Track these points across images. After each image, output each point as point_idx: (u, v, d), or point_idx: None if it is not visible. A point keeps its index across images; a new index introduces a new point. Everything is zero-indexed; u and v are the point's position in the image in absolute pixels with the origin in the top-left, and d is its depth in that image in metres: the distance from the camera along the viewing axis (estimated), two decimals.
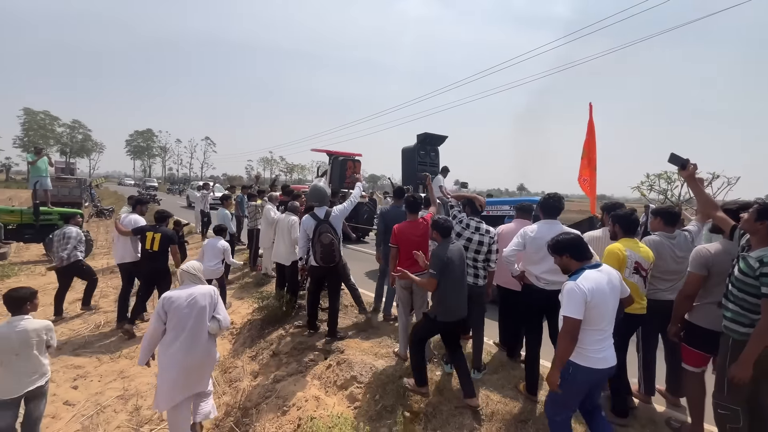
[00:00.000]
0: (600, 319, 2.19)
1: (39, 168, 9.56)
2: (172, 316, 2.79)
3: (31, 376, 2.74)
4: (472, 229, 3.45)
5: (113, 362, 4.48)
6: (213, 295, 2.99)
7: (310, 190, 4.32)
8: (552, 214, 3.18)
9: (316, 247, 3.98)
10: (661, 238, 3.06)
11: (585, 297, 2.13)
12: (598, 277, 2.22)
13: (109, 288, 7.13)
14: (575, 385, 2.26)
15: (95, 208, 17.00)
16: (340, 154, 11.99)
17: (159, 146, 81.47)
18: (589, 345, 2.21)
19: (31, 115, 63.49)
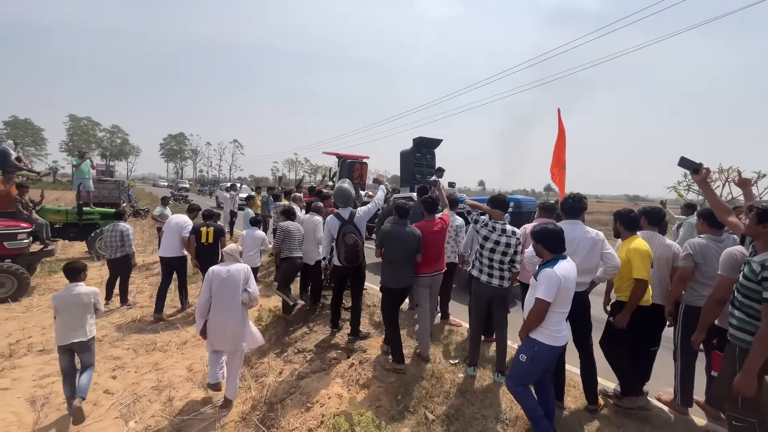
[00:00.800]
0: (565, 303, 2.53)
1: (82, 171, 10.19)
2: (215, 285, 3.50)
3: (77, 330, 3.46)
4: (498, 231, 3.39)
5: (148, 354, 4.71)
6: (246, 271, 3.62)
7: (335, 191, 4.38)
8: (573, 214, 3.13)
9: (341, 248, 4.04)
10: (707, 241, 2.93)
11: (560, 282, 2.42)
12: (569, 267, 2.53)
13: (145, 284, 7.50)
14: (540, 362, 2.57)
15: (132, 208, 17.89)
16: (348, 156, 12.40)
17: (190, 149, 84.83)
18: (553, 325, 2.53)
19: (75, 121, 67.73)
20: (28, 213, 7.42)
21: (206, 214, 5.93)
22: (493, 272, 3.37)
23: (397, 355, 3.59)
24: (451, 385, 3.38)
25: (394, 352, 3.62)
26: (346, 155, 12.52)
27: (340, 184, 4.40)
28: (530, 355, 2.56)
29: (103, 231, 6.21)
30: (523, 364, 2.61)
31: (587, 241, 2.96)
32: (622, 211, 3.18)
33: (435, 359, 3.76)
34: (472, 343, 3.60)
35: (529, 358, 2.57)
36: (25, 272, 6.44)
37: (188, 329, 5.44)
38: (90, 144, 65.74)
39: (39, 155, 62.13)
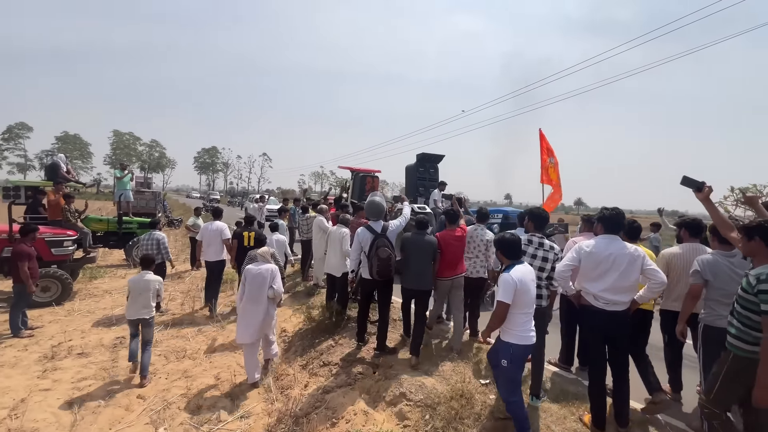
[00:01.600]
0: (526, 304, 2.71)
1: (124, 183, 10.79)
2: (248, 281, 4.15)
3: (143, 309, 4.30)
4: (535, 244, 3.28)
5: (178, 362, 4.81)
6: (273, 270, 4.23)
7: (366, 204, 4.38)
8: (611, 228, 2.92)
9: (373, 261, 3.97)
10: (716, 257, 2.88)
11: (515, 285, 2.63)
12: (524, 270, 2.74)
13: (177, 292, 7.72)
14: (518, 361, 2.76)
15: (166, 218, 18.70)
16: (361, 170, 13.06)
17: (222, 162, 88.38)
18: (519, 326, 2.72)
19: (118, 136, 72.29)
20: (74, 222, 7.88)
21: (247, 220, 6.49)
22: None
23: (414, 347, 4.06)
24: (483, 407, 3.22)
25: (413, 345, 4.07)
26: (359, 169, 13.16)
27: (372, 197, 4.39)
28: (509, 358, 2.74)
29: (140, 239, 6.51)
30: (507, 369, 2.76)
31: (624, 257, 2.79)
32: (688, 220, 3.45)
33: (465, 378, 3.61)
34: (537, 373, 3.35)
35: (509, 361, 2.74)
36: (69, 277, 6.79)
37: (217, 338, 5.53)
38: (131, 157, 69.88)
39: (85, 168, 66.60)
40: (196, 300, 7.04)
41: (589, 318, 2.91)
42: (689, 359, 3.45)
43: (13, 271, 5.17)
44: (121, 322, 5.98)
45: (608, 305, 2.80)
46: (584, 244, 2.92)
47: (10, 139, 66.37)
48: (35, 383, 4.11)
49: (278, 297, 4.29)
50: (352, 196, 12.38)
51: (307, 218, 7.96)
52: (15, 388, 3.98)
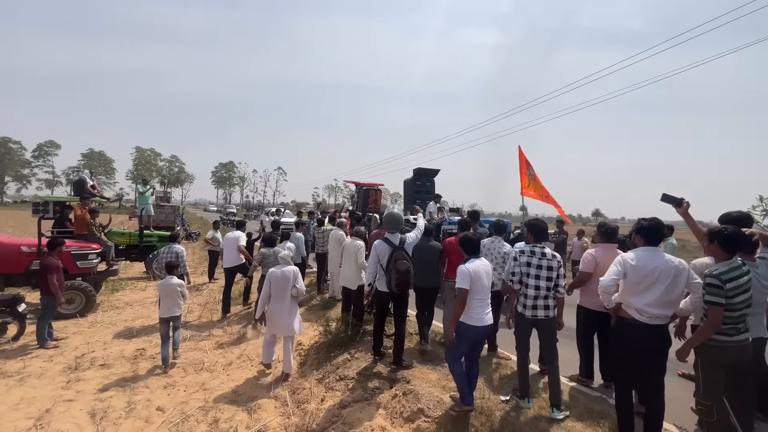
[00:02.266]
0: (480, 290, 3.23)
1: (146, 197, 11.13)
2: (273, 282, 4.62)
3: (174, 307, 5.07)
4: (538, 255, 3.38)
5: (196, 374, 4.85)
6: (295, 272, 4.74)
7: (385, 216, 4.40)
8: (653, 240, 2.86)
9: (392, 274, 3.95)
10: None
11: (470, 275, 3.17)
12: (479, 263, 3.30)
13: (194, 305, 7.84)
14: (464, 338, 3.27)
15: (185, 231, 19.12)
16: (365, 184, 13.87)
17: (239, 176, 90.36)
18: (473, 309, 3.23)
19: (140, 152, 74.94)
20: (98, 235, 8.15)
21: (266, 239, 6.33)
22: (538, 302, 3.32)
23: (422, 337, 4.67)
24: (503, 424, 3.14)
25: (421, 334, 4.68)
26: (363, 183, 14.07)
27: (391, 210, 4.43)
28: (457, 333, 3.28)
29: (160, 252, 6.68)
30: (454, 341, 3.35)
31: (671, 270, 2.71)
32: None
33: (483, 394, 3.53)
34: (521, 374, 3.48)
35: (456, 335, 3.30)
36: (92, 290, 6.99)
37: (234, 351, 5.57)
38: (151, 172, 72.21)
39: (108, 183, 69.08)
40: (213, 312, 7.12)
41: (630, 332, 2.80)
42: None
43: (42, 283, 5.36)
44: (141, 334, 6.10)
45: (651, 319, 2.72)
46: (628, 257, 2.83)
47: (39, 157, 69.68)
48: (59, 394, 4.20)
49: (301, 295, 4.83)
50: (356, 208, 13.18)
51: (322, 231, 8.02)
52: (40, 399, 4.08)
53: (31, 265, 6.54)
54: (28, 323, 5.77)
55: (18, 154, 66.99)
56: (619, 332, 2.91)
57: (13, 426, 3.57)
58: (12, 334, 5.63)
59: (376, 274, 4.17)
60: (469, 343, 3.29)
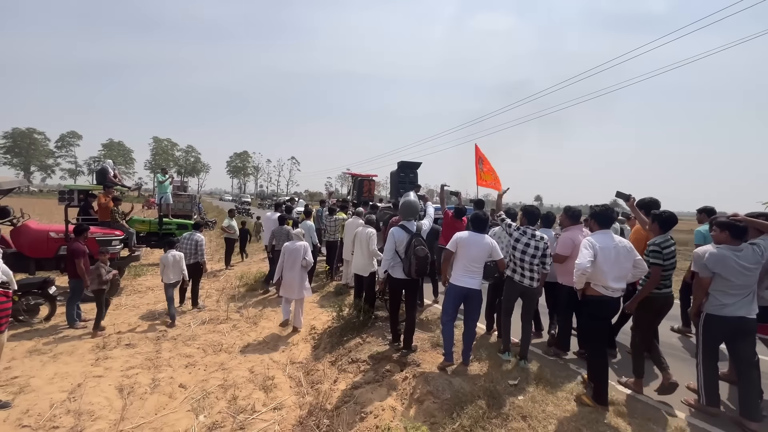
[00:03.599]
0: (464, 257, 3.72)
1: (164, 186, 11.43)
2: (286, 255, 5.68)
3: (177, 276, 6.18)
4: (528, 236, 3.90)
5: (215, 355, 5.07)
6: (305, 247, 5.77)
7: (402, 203, 4.39)
8: (606, 223, 3.41)
9: (411, 260, 4.01)
10: (722, 251, 3.05)
11: (457, 241, 3.74)
12: (473, 235, 3.77)
13: (212, 290, 8.11)
14: (448, 296, 3.85)
15: (202, 219, 19.60)
16: (359, 175, 15.43)
17: (253, 166, 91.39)
18: (456, 271, 3.77)
19: (158, 142, 76.42)
20: (121, 222, 8.45)
21: (279, 219, 7.77)
22: (524, 272, 3.86)
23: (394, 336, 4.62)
24: (511, 407, 3.21)
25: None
26: (359, 174, 15.85)
27: (407, 197, 4.45)
28: (446, 292, 3.88)
29: (180, 239, 6.88)
30: (444, 299, 3.92)
31: (622, 249, 3.22)
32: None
33: (493, 378, 3.61)
34: (505, 333, 4.11)
35: (445, 294, 3.89)
36: (117, 274, 7.29)
37: (251, 333, 5.78)
38: (168, 162, 73.67)
39: (128, 172, 70.83)
40: (230, 297, 7.36)
41: (601, 307, 3.24)
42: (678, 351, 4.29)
43: (70, 267, 5.64)
44: (163, 317, 6.37)
45: (615, 293, 3.20)
46: (593, 239, 3.24)
47: (62, 147, 71.83)
48: (89, 370, 4.47)
49: (309, 265, 5.80)
50: (352, 196, 14.60)
51: (334, 220, 8.14)
52: (72, 374, 4.35)
53: (59, 250, 6.87)
54: (58, 305, 6.10)
55: (42, 144, 69.21)
56: (591, 308, 3.28)
57: (49, 398, 3.83)
58: (44, 315, 5.96)
59: (392, 262, 4.21)
60: (453, 301, 3.81)
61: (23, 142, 65.84)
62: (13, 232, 6.82)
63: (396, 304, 4.49)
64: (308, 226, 7.85)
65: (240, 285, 8.35)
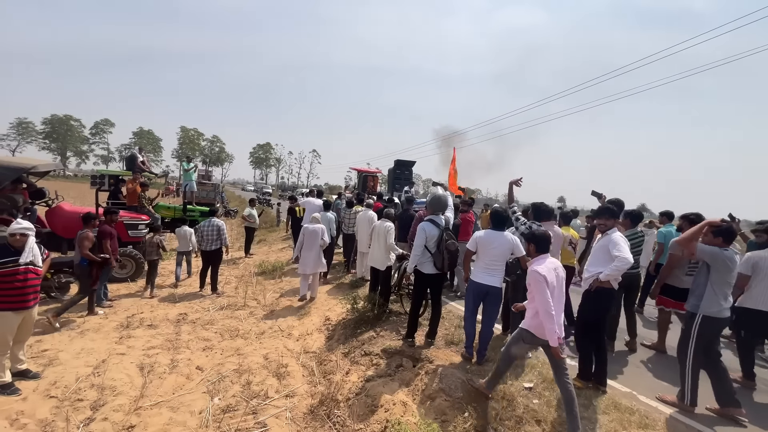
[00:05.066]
0: (484, 255, 3.76)
1: (189, 174, 11.75)
2: (306, 235, 6.34)
3: (188, 247, 7.70)
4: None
5: (232, 340, 5.18)
6: (322, 229, 6.48)
7: (430, 199, 4.32)
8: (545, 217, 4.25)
9: (443, 255, 3.99)
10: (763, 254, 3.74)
11: (476, 241, 3.79)
12: (492, 234, 3.76)
13: (231, 277, 8.30)
14: (471, 292, 3.88)
15: (224, 208, 20.06)
16: (364, 171, 17.53)
17: (275, 157, 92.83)
18: (478, 269, 3.81)
19: (185, 131, 78.66)
20: (147, 208, 8.75)
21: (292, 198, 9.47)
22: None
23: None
24: (525, 411, 3.13)
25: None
26: (363, 170, 17.89)
27: (435, 191, 4.45)
28: (467, 287, 3.95)
29: (201, 226, 7.06)
30: (466, 297, 4.00)
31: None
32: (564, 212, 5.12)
33: (507, 380, 3.53)
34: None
35: (466, 291, 3.97)
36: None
37: (267, 321, 5.87)
38: (194, 151, 75.72)
39: (156, 160, 73.27)
40: (248, 285, 7.51)
41: (611, 298, 3.50)
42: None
43: (98, 248, 5.86)
44: (183, 300, 6.55)
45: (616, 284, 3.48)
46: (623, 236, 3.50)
47: (96, 134, 74.94)
48: (113, 347, 4.65)
49: (325, 245, 6.53)
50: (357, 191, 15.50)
51: (353, 212, 8.15)
52: (97, 350, 4.54)
53: None
54: None
55: (78, 131, 72.41)
56: (601, 299, 3.44)
57: (75, 371, 4.01)
58: (74, 293, 6.24)
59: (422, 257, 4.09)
60: (473, 298, 3.86)
61: (61, 128, 69.02)
62: (48, 213, 7.16)
63: (421, 299, 4.45)
64: (328, 218, 7.89)
65: (258, 273, 8.50)
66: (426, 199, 5.57)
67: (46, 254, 4.08)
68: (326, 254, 7.52)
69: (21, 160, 6.91)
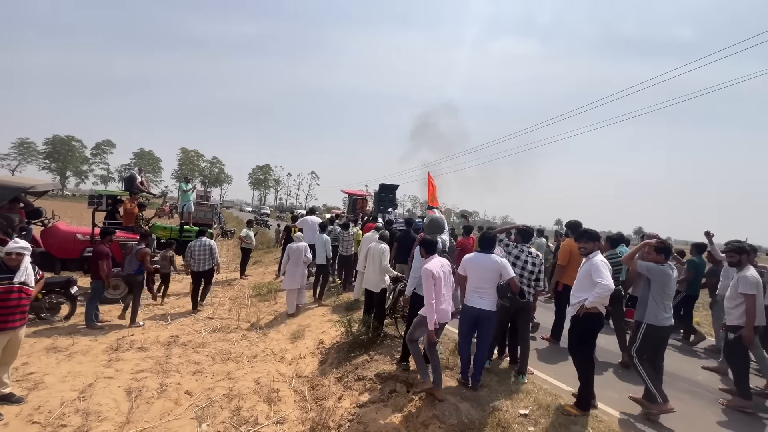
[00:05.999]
0: (472, 279, 3.76)
1: (187, 195, 11.79)
2: (291, 253, 6.95)
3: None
4: (525, 253, 4.26)
5: (223, 363, 5.08)
6: (306, 247, 7.11)
7: (428, 221, 4.47)
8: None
9: None
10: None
11: (466, 265, 3.80)
12: (480, 257, 3.78)
13: (225, 299, 8.20)
14: (464, 316, 3.83)
15: (221, 229, 20.02)
16: (353, 193, 18.36)
17: (274, 179, 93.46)
18: (469, 293, 3.79)
19: (185, 152, 79.49)
20: (144, 228, 8.73)
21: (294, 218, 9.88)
22: (523, 287, 4.08)
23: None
24: None
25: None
26: (353, 192, 18.85)
27: (433, 215, 4.56)
28: (461, 311, 3.88)
29: (191, 246, 7.14)
30: (460, 322, 3.90)
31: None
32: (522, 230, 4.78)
33: (502, 407, 3.47)
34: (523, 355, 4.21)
35: (460, 316, 3.90)
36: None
37: (259, 344, 5.78)
38: (194, 172, 76.26)
39: (155, 181, 73.60)
40: (242, 306, 7.43)
41: (599, 322, 3.49)
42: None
43: (93, 268, 5.83)
44: (175, 319, 6.46)
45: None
46: (605, 261, 3.49)
47: (97, 154, 75.59)
48: (101, 371, 4.55)
49: (308, 261, 7.15)
50: (347, 211, 16.83)
51: (350, 234, 8.18)
52: (85, 374, 4.44)
53: (84, 252, 7.13)
54: (78, 304, 6.29)
55: (79, 151, 73.04)
56: (592, 324, 3.47)
57: (60, 396, 3.91)
58: (64, 314, 6.15)
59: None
60: (467, 322, 3.82)
61: (62, 148, 69.66)
62: (43, 233, 7.15)
63: None
64: (324, 239, 7.91)
65: (252, 295, 8.42)
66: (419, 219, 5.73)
67: (40, 275, 4.06)
68: (323, 276, 7.53)
69: (19, 180, 6.96)
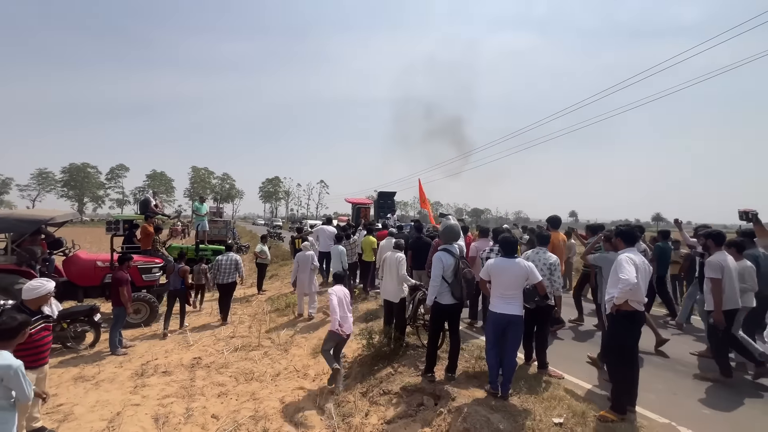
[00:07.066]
0: (498, 285, 3.70)
1: (201, 215, 11.96)
2: (300, 261, 7.56)
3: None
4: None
5: (247, 383, 5.06)
6: (313, 255, 7.69)
7: (443, 228, 4.37)
8: (632, 241, 3.63)
9: (462, 284, 3.96)
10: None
11: (489, 269, 3.76)
12: (505, 261, 3.73)
13: (245, 315, 8.23)
14: (490, 323, 3.78)
15: (236, 244, 20.23)
16: (356, 202, 20.01)
17: (284, 191, 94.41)
18: (495, 299, 3.73)
19: (196, 171, 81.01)
20: (161, 250, 8.85)
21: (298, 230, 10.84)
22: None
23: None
24: None
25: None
26: (356, 201, 20.62)
27: (447, 221, 4.55)
28: (487, 317, 3.99)
29: (218, 260, 7.56)
30: (486, 327, 3.96)
31: (646, 264, 3.61)
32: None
33: (535, 416, 3.34)
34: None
35: (485, 321, 4.16)
36: (156, 301, 7.58)
37: (281, 361, 5.75)
38: (206, 190, 77.62)
39: (168, 201, 75.14)
40: (262, 323, 7.43)
41: (638, 322, 3.41)
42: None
43: (114, 295, 5.91)
44: (197, 341, 6.49)
45: (641, 307, 3.40)
46: (632, 256, 3.40)
47: (112, 179, 77.65)
48: (128, 398, 4.57)
49: (316, 269, 7.76)
50: (351, 219, 17.97)
51: (352, 243, 8.45)
52: (112, 402, 4.46)
53: (105, 278, 7.25)
54: (102, 331, 6.37)
55: (94, 177, 75.16)
56: (627, 324, 3.38)
57: (90, 426, 3.93)
58: (89, 342, 6.24)
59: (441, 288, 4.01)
60: (493, 329, 3.73)
61: (78, 175, 71.81)
62: (65, 262, 7.30)
63: (438, 331, 4.34)
64: (339, 250, 7.92)
65: (271, 310, 8.43)
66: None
67: None
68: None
69: (40, 212, 7.13)
